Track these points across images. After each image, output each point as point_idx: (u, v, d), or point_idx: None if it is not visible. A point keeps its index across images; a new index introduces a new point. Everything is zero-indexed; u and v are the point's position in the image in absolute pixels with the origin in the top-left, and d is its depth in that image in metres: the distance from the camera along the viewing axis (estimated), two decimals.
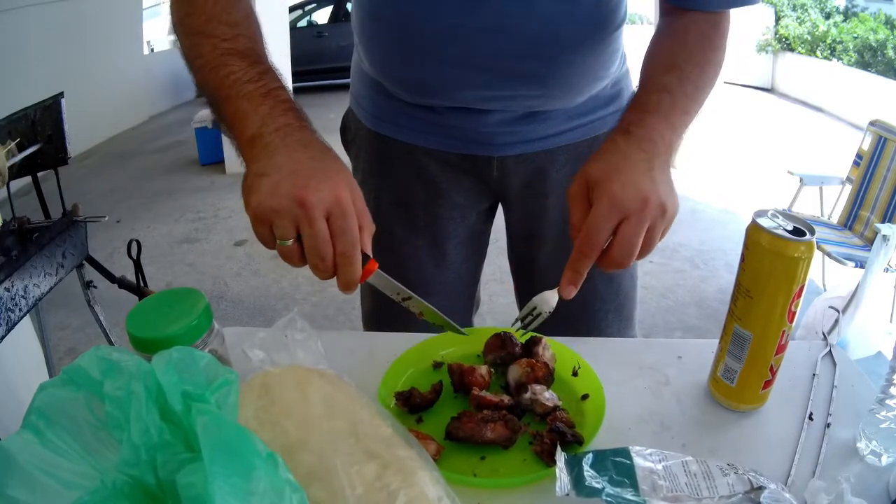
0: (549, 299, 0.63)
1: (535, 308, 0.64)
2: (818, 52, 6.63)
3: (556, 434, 0.56)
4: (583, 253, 0.58)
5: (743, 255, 0.59)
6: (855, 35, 6.42)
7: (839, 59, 6.44)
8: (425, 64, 0.78)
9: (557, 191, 0.88)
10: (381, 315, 0.99)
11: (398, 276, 0.61)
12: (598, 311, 0.93)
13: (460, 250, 0.96)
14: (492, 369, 0.66)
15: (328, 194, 0.53)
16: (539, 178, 0.88)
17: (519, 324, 0.67)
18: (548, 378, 0.64)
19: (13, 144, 1.54)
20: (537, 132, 0.85)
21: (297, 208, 0.53)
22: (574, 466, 0.50)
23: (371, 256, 0.58)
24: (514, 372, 0.64)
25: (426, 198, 0.92)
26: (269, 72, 0.63)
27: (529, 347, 0.68)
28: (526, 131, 0.85)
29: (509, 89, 0.79)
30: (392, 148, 0.90)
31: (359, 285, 0.57)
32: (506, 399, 0.61)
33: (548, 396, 0.61)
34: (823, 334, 0.75)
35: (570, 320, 0.91)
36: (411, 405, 0.62)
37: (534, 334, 0.70)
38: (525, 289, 1.01)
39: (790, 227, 0.56)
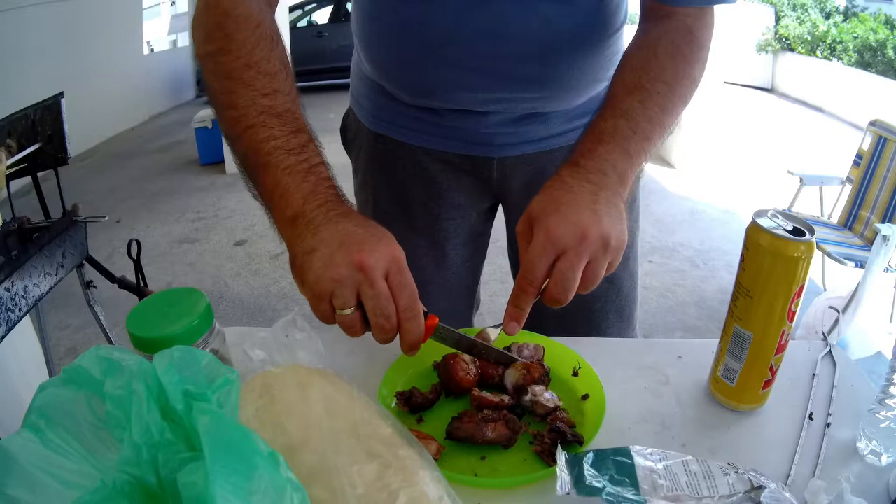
0: (489, 336, 0.64)
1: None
2: (818, 52, 6.64)
3: (557, 434, 0.56)
4: (521, 289, 0.57)
5: (743, 255, 0.59)
6: (855, 35, 6.42)
7: (839, 59, 6.44)
8: (424, 66, 0.78)
9: None
10: None
11: None
12: (598, 311, 0.93)
13: (460, 250, 0.96)
14: (475, 359, 0.65)
15: (384, 254, 0.54)
16: (539, 178, 0.88)
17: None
18: (544, 377, 0.64)
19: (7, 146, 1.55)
20: (537, 133, 0.85)
21: (358, 273, 0.52)
22: (574, 466, 0.50)
23: (429, 312, 0.58)
24: (512, 376, 0.64)
25: (426, 198, 0.92)
26: (311, 143, 0.61)
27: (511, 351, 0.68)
28: (526, 132, 0.85)
29: (509, 91, 0.79)
30: (392, 148, 0.90)
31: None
32: (506, 399, 0.61)
33: (548, 397, 0.61)
34: (823, 334, 0.75)
35: (570, 320, 0.91)
36: (412, 405, 0.62)
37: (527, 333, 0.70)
38: None
39: (790, 227, 0.56)
